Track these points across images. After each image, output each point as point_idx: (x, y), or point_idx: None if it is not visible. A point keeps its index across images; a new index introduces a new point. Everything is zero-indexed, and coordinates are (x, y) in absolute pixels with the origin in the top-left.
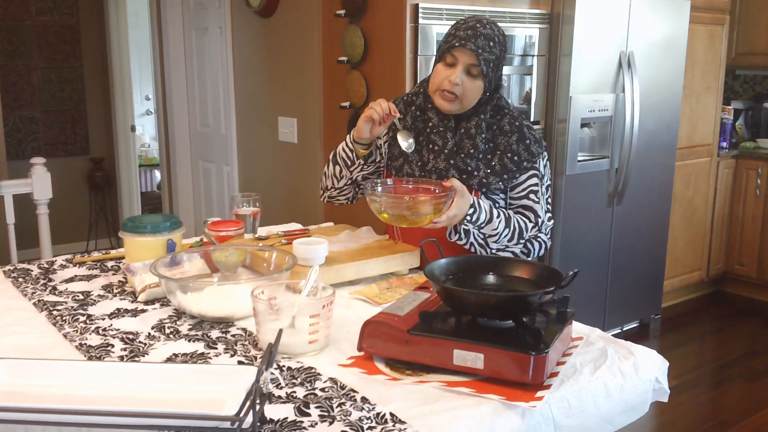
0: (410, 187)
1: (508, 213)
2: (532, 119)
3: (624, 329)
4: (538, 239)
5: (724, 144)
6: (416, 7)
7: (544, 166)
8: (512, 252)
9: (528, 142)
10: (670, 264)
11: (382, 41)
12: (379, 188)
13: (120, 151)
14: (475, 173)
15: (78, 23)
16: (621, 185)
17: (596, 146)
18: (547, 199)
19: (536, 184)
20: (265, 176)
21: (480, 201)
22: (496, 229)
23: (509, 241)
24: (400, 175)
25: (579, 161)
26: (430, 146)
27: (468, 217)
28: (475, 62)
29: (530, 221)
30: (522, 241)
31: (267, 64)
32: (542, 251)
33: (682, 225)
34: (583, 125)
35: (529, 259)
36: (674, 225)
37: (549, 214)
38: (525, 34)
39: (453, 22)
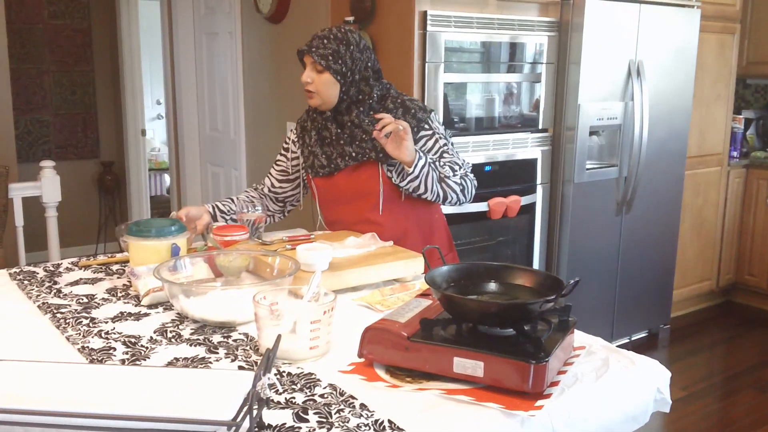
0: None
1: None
2: (540, 127)
3: (632, 339)
4: (468, 177)
5: (735, 153)
6: (425, 14)
7: (441, 126)
8: (453, 184)
9: (414, 111)
10: (679, 274)
11: (390, 47)
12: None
13: (130, 155)
14: (376, 149)
15: (90, 27)
16: (630, 194)
17: (605, 154)
18: (456, 152)
19: (445, 144)
20: None
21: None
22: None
23: (451, 172)
24: (315, 170)
25: (587, 169)
26: (325, 140)
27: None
28: (313, 60)
29: (454, 168)
30: (457, 175)
31: (276, 70)
32: (473, 190)
33: (691, 235)
34: (591, 133)
35: (465, 198)
36: (684, 234)
37: (464, 161)
38: (534, 42)
39: (462, 30)
